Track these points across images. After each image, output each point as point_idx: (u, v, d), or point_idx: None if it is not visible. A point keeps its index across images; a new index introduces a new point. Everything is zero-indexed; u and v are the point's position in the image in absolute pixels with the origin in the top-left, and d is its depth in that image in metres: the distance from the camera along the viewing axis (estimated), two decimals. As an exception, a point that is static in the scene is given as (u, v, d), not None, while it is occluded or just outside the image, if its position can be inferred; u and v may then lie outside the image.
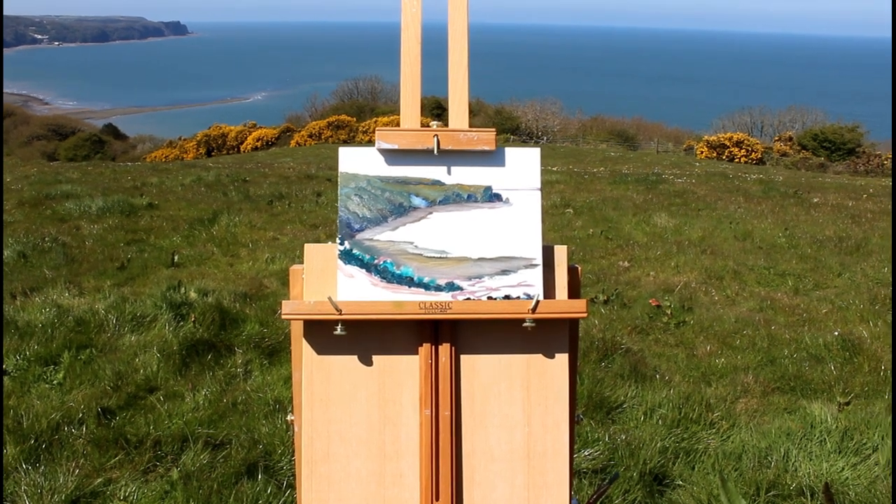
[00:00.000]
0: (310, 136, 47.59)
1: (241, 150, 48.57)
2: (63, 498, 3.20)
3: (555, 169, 20.89)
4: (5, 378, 4.47)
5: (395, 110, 47.81)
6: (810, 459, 3.73)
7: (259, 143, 49.07)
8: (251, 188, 13.33)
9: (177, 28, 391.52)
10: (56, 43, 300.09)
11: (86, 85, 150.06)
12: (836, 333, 5.75)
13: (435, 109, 39.50)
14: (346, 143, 43.09)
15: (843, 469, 3.63)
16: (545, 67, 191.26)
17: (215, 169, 18.37)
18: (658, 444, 3.80)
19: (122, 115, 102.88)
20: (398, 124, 1.54)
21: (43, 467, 3.45)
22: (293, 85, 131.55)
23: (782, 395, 4.71)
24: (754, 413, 4.43)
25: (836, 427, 4.00)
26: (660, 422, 4.16)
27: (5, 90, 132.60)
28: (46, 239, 8.35)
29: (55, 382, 4.45)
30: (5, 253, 7.61)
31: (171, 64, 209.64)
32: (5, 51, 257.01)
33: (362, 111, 54.30)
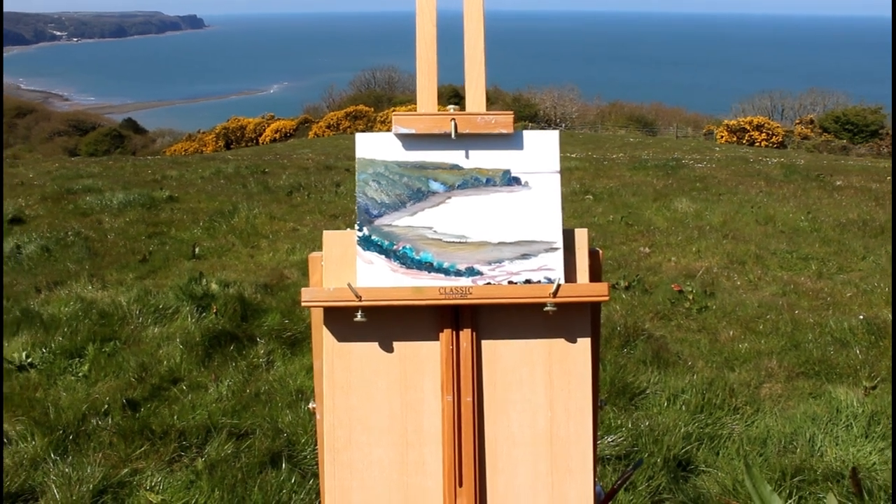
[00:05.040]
0: (328, 126, 47.67)
1: (260, 142, 48.76)
2: (91, 488, 3.23)
3: (574, 155, 20.79)
4: (32, 371, 4.52)
5: (413, 100, 47.66)
6: (836, 444, 3.69)
7: (277, 135, 49.23)
8: (270, 180, 13.37)
9: (193, 22, 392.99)
10: (75, 39, 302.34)
11: (105, 80, 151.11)
12: (861, 317, 5.68)
13: (452, 98, 39.42)
14: (364, 133, 43.07)
15: (870, 454, 3.60)
16: (562, 54, 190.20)
17: (234, 161, 18.45)
18: (682, 430, 3.78)
19: (141, 110, 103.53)
20: (414, 111, 1.53)
21: (70, 458, 3.49)
22: (311, 76, 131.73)
23: (807, 380, 4.66)
24: (779, 398, 4.39)
25: (863, 412, 3.96)
26: (683, 407, 4.13)
27: (27, 87, 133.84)
28: (69, 233, 8.43)
29: (81, 375, 4.49)
30: (29, 248, 7.69)
31: (189, 58, 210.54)
32: (26, 48, 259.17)
33: (380, 101, 54.33)
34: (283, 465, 3.46)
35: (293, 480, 3.33)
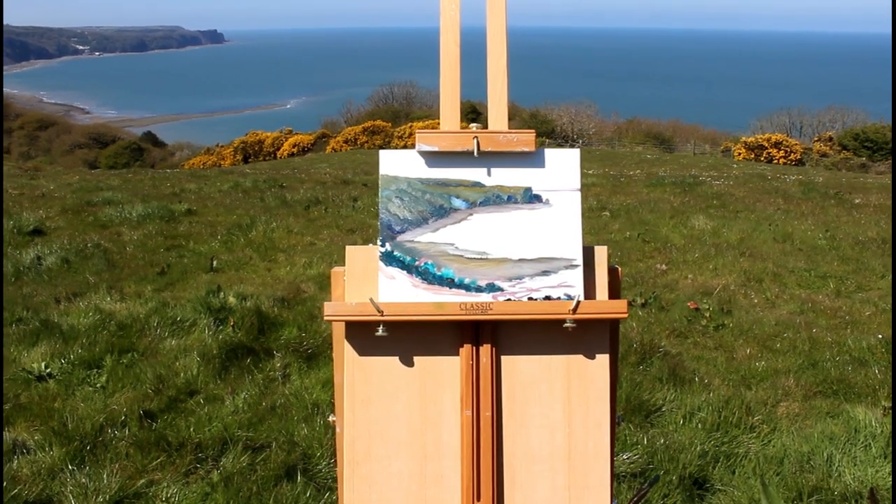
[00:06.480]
0: (345, 141, 47.89)
1: (278, 156, 49.00)
2: (107, 498, 3.25)
3: (591, 172, 20.79)
4: (51, 381, 4.56)
5: (431, 115, 47.94)
6: (855, 464, 3.66)
7: (295, 150, 49.47)
8: (288, 194, 13.44)
9: (213, 36, 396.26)
10: (97, 53, 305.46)
11: (125, 94, 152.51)
12: (880, 336, 5.64)
13: (470, 114, 39.54)
14: (381, 148, 43.28)
15: (889, 474, 3.56)
16: (579, 70, 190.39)
17: (252, 175, 18.57)
18: (698, 448, 3.76)
19: (160, 123, 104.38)
20: (435, 128, 1.55)
21: (88, 468, 3.51)
22: (329, 91, 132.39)
23: (825, 399, 4.63)
24: (796, 417, 4.36)
25: (882, 431, 3.93)
26: (699, 425, 4.11)
27: (49, 100, 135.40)
28: (89, 245, 8.50)
29: (98, 385, 4.53)
30: (50, 259, 7.77)
31: (209, 72, 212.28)
32: (49, 62, 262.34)
33: (398, 116, 54.52)
34: (299, 478, 3.47)
35: (308, 494, 3.34)
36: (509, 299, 1.51)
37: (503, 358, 1.54)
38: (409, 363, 1.53)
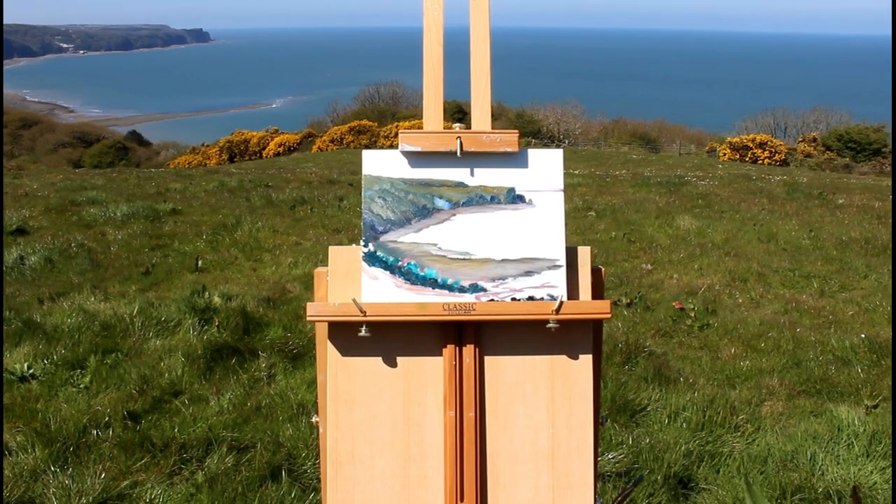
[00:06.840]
0: (331, 141, 47.80)
1: (264, 155, 48.86)
2: (90, 500, 3.23)
3: (577, 172, 20.83)
4: (34, 382, 4.53)
5: (417, 115, 47.89)
6: (838, 463, 3.69)
7: (281, 149, 49.33)
8: (274, 193, 13.40)
9: (199, 35, 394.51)
10: (81, 51, 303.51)
11: (110, 92, 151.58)
12: (863, 336, 5.68)
13: (456, 114, 39.54)
14: (367, 147, 43.21)
15: (871, 473, 3.59)
16: (566, 70, 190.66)
17: (238, 174, 18.51)
18: (682, 448, 3.78)
19: (145, 122, 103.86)
20: (420, 128, 1.55)
21: (71, 470, 3.49)
22: (315, 90, 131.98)
23: (808, 398, 4.66)
24: (780, 416, 4.39)
25: (864, 430, 3.95)
26: (684, 425, 4.13)
27: (32, 99, 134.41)
28: (73, 245, 8.45)
29: (82, 386, 4.50)
30: (33, 259, 7.71)
31: (194, 71, 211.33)
32: (32, 60, 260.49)
33: (384, 116, 54.45)
34: (284, 478, 3.46)
35: (293, 494, 3.33)
36: (492, 300, 1.51)
37: (486, 358, 1.54)
38: (393, 364, 1.53)
